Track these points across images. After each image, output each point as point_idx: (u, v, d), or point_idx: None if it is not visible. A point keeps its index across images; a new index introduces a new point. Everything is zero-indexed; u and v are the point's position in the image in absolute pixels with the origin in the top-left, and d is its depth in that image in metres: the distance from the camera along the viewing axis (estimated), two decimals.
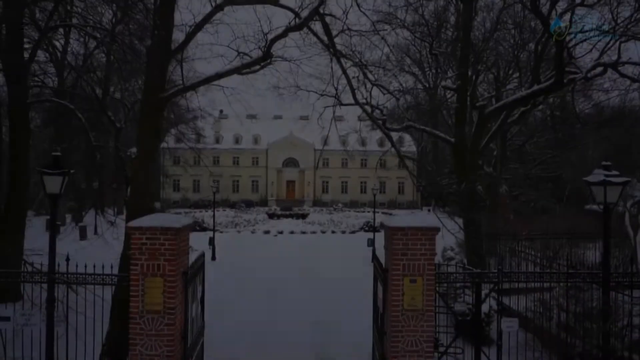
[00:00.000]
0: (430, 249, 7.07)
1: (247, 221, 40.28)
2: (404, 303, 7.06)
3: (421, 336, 7.06)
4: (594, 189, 5.80)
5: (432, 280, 7.09)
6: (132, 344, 6.94)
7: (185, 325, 7.44)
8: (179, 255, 7.17)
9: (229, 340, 10.72)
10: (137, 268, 6.95)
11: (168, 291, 6.94)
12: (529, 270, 11.34)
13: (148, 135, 8.23)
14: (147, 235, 6.92)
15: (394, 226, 7.08)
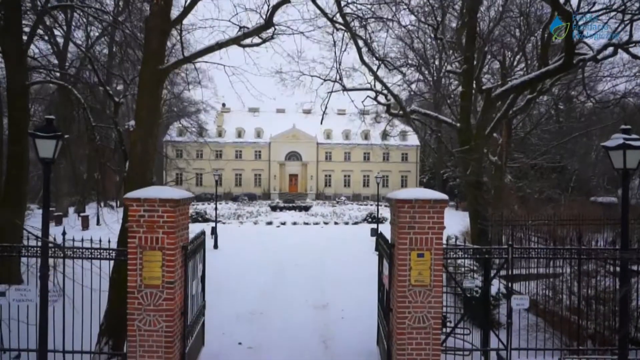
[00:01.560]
0: (438, 222, 6.82)
1: (250, 213, 40.06)
2: (411, 278, 6.82)
3: (429, 312, 6.83)
4: (612, 155, 5.54)
5: (441, 255, 6.84)
6: (130, 320, 6.73)
7: (185, 301, 7.23)
8: (179, 229, 6.95)
9: (231, 323, 10.54)
10: (135, 241, 6.73)
11: (167, 265, 6.72)
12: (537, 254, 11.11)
13: (147, 109, 7.98)
14: (145, 207, 6.70)
15: (400, 198, 6.83)
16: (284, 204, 49.26)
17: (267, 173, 69.16)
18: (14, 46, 12.31)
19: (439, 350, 6.89)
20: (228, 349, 9.01)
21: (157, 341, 6.73)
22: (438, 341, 6.87)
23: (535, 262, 10.71)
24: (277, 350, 8.97)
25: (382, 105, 16.83)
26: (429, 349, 6.85)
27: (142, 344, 6.74)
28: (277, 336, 9.81)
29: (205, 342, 8.96)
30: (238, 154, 69.43)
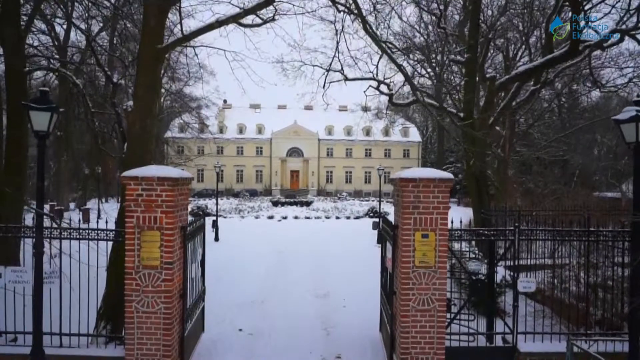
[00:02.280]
0: (443, 202, 6.65)
1: (251, 208, 39.92)
2: (415, 260, 6.66)
3: (433, 294, 6.67)
4: (624, 128, 5.36)
5: (446, 236, 6.68)
6: (128, 301, 6.58)
7: (184, 283, 7.08)
8: (177, 209, 6.79)
9: (231, 311, 10.39)
10: (132, 221, 6.58)
11: (165, 245, 6.57)
12: (541, 248, 10.94)
13: (145, 88, 7.82)
14: (142, 185, 6.54)
15: (404, 177, 6.66)
16: (285, 200, 49.11)
17: (268, 169, 69.08)
18: (12, 32, 12.16)
19: (443, 333, 6.73)
20: (228, 335, 8.86)
21: (156, 323, 6.59)
22: (443, 324, 6.72)
23: (542, 248, 10.58)
24: (277, 337, 8.82)
25: (385, 94, 16.66)
26: (433, 332, 6.70)
27: (140, 326, 6.60)
28: (277, 323, 9.66)
29: (205, 329, 8.81)
30: (239, 150, 69.34)
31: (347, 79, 16.87)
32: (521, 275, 7.49)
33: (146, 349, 6.60)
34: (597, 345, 6.76)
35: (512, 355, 7.05)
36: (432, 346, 6.70)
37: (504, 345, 7.23)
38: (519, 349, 6.99)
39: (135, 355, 6.60)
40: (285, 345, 8.40)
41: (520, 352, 6.97)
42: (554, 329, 7.69)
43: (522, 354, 6.95)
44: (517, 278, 7.05)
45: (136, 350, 6.60)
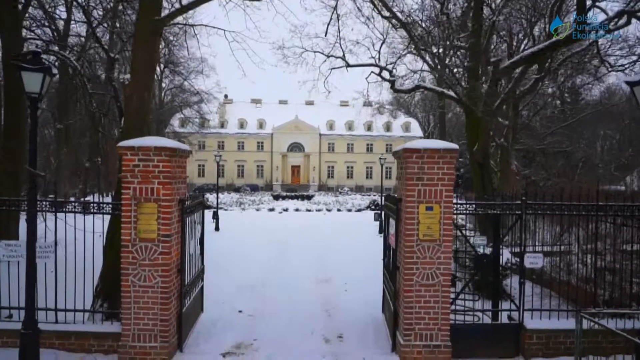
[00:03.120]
0: (448, 173, 6.47)
1: (252, 201, 39.77)
2: (419, 233, 6.48)
3: (437, 269, 6.49)
4: (637, 91, 5.16)
5: (451, 209, 6.49)
6: (124, 275, 6.42)
7: (182, 258, 6.91)
8: (175, 180, 6.62)
9: (231, 295, 10.20)
10: (129, 192, 6.41)
11: (163, 217, 6.40)
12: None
13: (143, 62, 7.64)
14: (139, 156, 6.37)
15: (408, 148, 6.48)
16: (287, 193, 48.97)
17: (269, 164, 68.92)
18: (9, 14, 11.97)
19: (448, 309, 6.55)
20: (228, 316, 8.70)
21: (153, 298, 6.43)
22: (448, 299, 6.54)
23: (548, 233, 10.39)
24: (278, 318, 8.66)
25: (387, 80, 16.43)
26: (438, 307, 6.52)
27: (137, 301, 6.43)
28: (278, 306, 9.50)
29: (204, 309, 8.66)
30: (240, 145, 69.20)
31: (349, 65, 16.68)
32: (527, 253, 7.29)
33: (143, 324, 6.43)
34: (607, 321, 6.56)
35: (518, 333, 6.87)
36: (436, 322, 6.52)
37: (510, 322, 7.05)
38: (526, 326, 6.80)
39: (132, 331, 6.44)
40: (286, 326, 8.22)
41: (527, 329, 6.78)
42: (561, 308, 7.50)
43: (528, 331, 6.77)
44: (524, 253, 6.87)
45: (133, 325, 6.44)
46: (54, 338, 6.65)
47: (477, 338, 6.78)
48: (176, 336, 6.80)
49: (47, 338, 6.57)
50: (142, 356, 6.39)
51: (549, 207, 6.94)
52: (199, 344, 7.26)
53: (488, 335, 6.87)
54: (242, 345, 7.22)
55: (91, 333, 6.72)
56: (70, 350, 6.63)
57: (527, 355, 6.75)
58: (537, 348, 6.78)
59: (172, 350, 6.61)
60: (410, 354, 6.51)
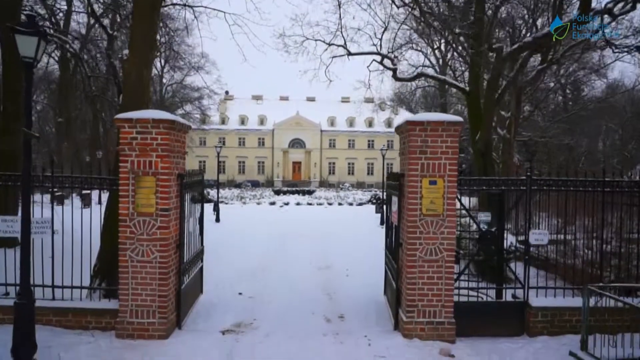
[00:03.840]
0: (452, 146, 6.34)
1: (253, 196, 39.65)
2: (423, 208, 6.36)
3: (441, 244, 6.36)
4: None
5: (455, 183, 6.36)
6: (122, 250, 6.30)
7: (181, 234, 6.79)
8: (174, 154, 6.50)
9: (231, 279, 10.08)
10: (126, 165, 6.29)
11: (161, 191, 6.29)
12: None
13: (141, 38, 7.52)
14: (137, 128, 6.26)
15: (411, 120, 6.36)
16: (287, 188, 48.84)
17: (270, 160, 68.80)
18: None
19: (452, 285, 6.43)
20: (228, 297, 8.60)
21: (151, 273, 6.31)
22: (451, 275, 6.41)
23: (553, 217, 10.23)
24: (278, 300, 8.55)
25: (388, 69, 16.29)
26: (441, 283, 6.40)
27: (135, 276, 6.32)
28: (279, 289, 9.39)
29: (203, 291, 8.55)
30: (241, 142, 69.09)
31: (350, 54, 16.54)
32: (532, 230, 7.15)
33: (141, 299, 6.32)
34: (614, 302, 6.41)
35: (523, 311, 6.74)
36: (439, 298, 6.40)
37: (515, 300, 6.92)
38: (531, 304, 6.68)
39: (130, 306, 6.33)
40: (287, 307, 8.12)
41: (532, 306, 6.65)
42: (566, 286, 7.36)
43: (533, 309, 6.64)
44: (529, 230, 6.74)
45: (130, 302, 6.33)
46: (50, 315, 6.54)
47: (481, 316, 6.66)
48: (175, 313, 6.69)
49: (44, 315, 6.47)
50: (140, 332, 6.28)
51: (555, 183, 6.81)
52: (198, 322, 7.16)
53: (492, 313, 6.74)
54: (241, 324, 7.11)
55: (89, 310, 6.61)
56: (68, 328, 6.51)
57: (532, 333, 6.63)
58: (542, 326, 6.66)
59: (170, 327, 6.50)
60: (413, 330, 6.39)
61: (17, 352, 5.06)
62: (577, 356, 5.72)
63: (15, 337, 5.11)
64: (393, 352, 5.95)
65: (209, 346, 6.12)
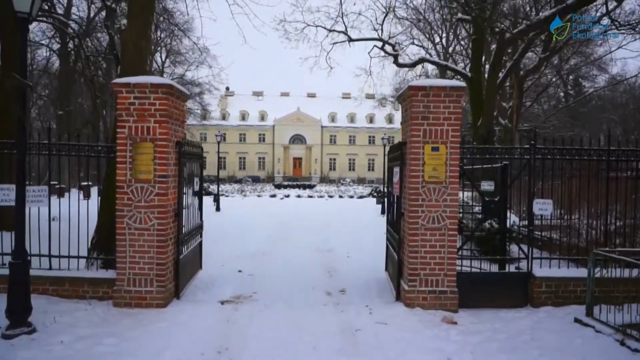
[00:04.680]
0: (455, 112, 6.24)
1: (254, 189, 39.55)
2: (425, 175, 6.25)
3: (444, 211, 6.26)
4: None
5: (457, 149, 6.26)
6: (119, 217, 6.21)
7: (180, 202, 6.69)
8: (172, 120, 6.40)
9: (231, 259, 9.99)
10: (124, 131, 6.20)
11: (159, 157, 6.18)
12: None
13: (139, 7, 7.42)
14: (135, 93, 6.16)
15: (414, 85, 6.25)
16: (288, 182, 48.74)
17: (271, 156, 68.68)
18: None
19: (455, 253, 6.33)
20: (227, 274, 8.49)
21: (149, 241, 6.21)
22: (454, 243, 6.31)
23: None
24: (278, 277, 8.45)
25: (389, 54, 16.18)
26: (444, 252, 6.30)
27: (132, 244, 6.22)
28: (279, 268, 9.29)
29: (202, 268, 8.45)
30: (242, 137, 68.96)
31: (351, 40, 16.42)
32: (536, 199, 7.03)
33: (138, 268, 6.23)
34: (621, 271, 6.30)
35: (527, 282, 6.63)
36: (442, 267, 6.30)
37: (519, 271, 6.82)
38: (534, 274, 6.57)
39: (127, 275, 6.23)
40: (287, 283, 8.02)
41: (536, 277, 6.54)
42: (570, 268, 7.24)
43: (537, 279, 6.53)
44: (533, 199, 6.63)
45: (128, 270, 6.23)
46: (47, 284, 6.46)
47: (484, 287, 6.55)
48: (173, 283, 6.59)
49: (41, 284, 6.39)
50: (137, 301, 6.19)
51: (559, 152, 6.70)
52: (197, 294, 7.06)
53: (495, 284, 6.63)
54: (241, 297, 7.01)
55: (85, 279, 6.51)
56: (65, 297, 6.43)
57: (535, 304, 6.52)
58: (547, 297, 6.55)
59: (168, 296, 6.40)
60: (415, 300, 6.29)
61: (11, 312, 4.97)
62: (583, 322, 5.63)
63: (10, 298, 5.02)
64: (395, 320, 5.84)
65: (207, 313, 6.03)
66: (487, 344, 5.10)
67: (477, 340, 5.21)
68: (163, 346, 4.89)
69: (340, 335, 5.38)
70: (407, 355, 4.74)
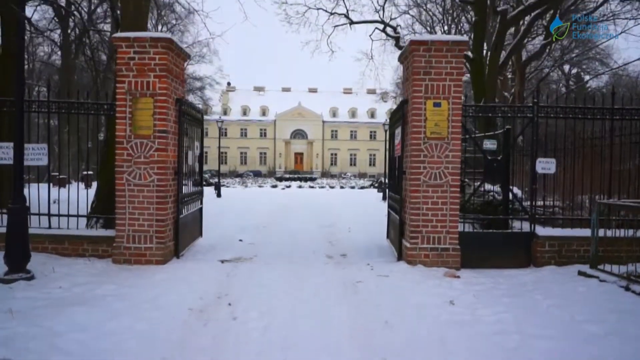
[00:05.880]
0: (457, 67, 6.17)
1: (255, 181, 39.51)
2: (427, 130, 6.20)
3: (446, 168, 6.20)
4: None
5: (460, 105, 6.20)
6: (119, 173, 6.16)
7: (180, 161, 6.64)
8: (172, 75, 6.35)
9: (232, 231, 9.93)
10: (123, 86, 6.15)
11: (159, 113, 6.14)
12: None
13: None
14: (135, 48, 6.10)
15: (415, 40, 6.18)
16: (289, 175, 48.72)
17: (272, 151, 68.61)
18: None
19: (457, 210, 6.26)
20: (228, 242, 8.43)
21: (148, 197, 6.17)
22: (456, 200, 6.25)
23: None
24: (279, 246, 8.39)
25: (391, 37, 16.12)
26: (446, 209, 6.24)
27: (132, 200, 6.18)
28: (280, 238, 9.24)
29: (203, 237, 8.40)
30: (243, 132, 68.90)
31: (352, 22, 16.36)
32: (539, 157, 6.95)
33: (138, 224, 6.18)
34: (624, 232, 6.22)
35: (530, 241, 6.57)
36: (444, 224, 6.24)
37: (521, 231, 6.76)
38: (537, 234, 6.51)
39: (127, 232, 6.19)
40: (288, 249, 7.98)
41: (539, 236, 6.48)
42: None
43: (540, 238, 6.46)
44: (536, 158, 6.57)
45: (127, 227, 6.19)
46: (46, 242, 6.41)
47: (487, 248, 6.47)
48: (173, 242, 6.55)
49: (40, 242, 6.34)
50: (137, 258, 6.15)
51: (562, 110, 6.63)
52: (197, 256, 7.01)
53: (498, 244, 6.56)
54: (241, 258, 6.98)
55: (85, 237, 6.47)
56: (64, 255, 6.37)
57: (538, 263, 6.45)
58: (550, 256, 6.48)
59: (168, 253, 6.36)
60: (417, 257, 6.23)
61: (10, 258, 4.94)
62: (587, 273, 5.58)
63: (8, 243, 4.99)
64: (396, 274, 5.80)
65: (207, 269, 6.00)
66: (490, 291, 5.06)
67: (480, 288, 5.17)
68: (162, 292, 4.84)
69: (341, 285, 5.34)
70: (410, 298, 4.69)
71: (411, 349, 3.44)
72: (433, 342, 3.55)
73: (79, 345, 3.38)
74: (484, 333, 3.71)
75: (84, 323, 3.78)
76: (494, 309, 4.31)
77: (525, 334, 3.67)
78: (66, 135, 26.27)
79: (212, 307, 4.48)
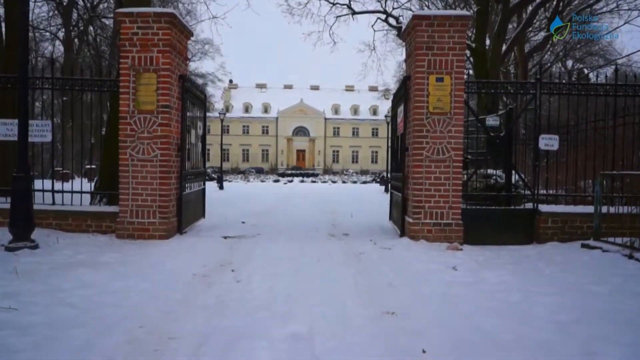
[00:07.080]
0: (459, 42, 6.17)
1: (257, 177, 39.54)
2: (429, 106, 6.19)
3: (449, 143, 6.20)
4: None
5: (462, 80, 6.20)
6: (122, 148, 6.18)
7: (183, 137, 6.66)
8: (175, 51, 6.36)
9: (235, 217, 9.95)
10: (127, 62, 6.17)
11: (162, 88, 6.15)
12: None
13: None
14: (138, 23, 6.12)
15: (418, 14, 6.18)
16: (292, 172, 48.73)
17: (274, 148, 68.58)
18: None
19: (459, 185, 6.26)
20: (230, 224, 8.44)
21: (152, 172, 6.19)
22: (459, 175, 6.25)
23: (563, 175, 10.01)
24: (282, 226, 8.40)
25: (393, 27, 16.10)
26: (448, 184, 6.24)
27: (135, 175, 6.20)
28: (283, 221, 9.25)
29: (206, 218, 8.41)
30: (245, 129, 68.90)
31: (355, 12, 16.35)
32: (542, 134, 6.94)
33: (141, 199, 6.20)
34: (627, 208, 6.20)
35: (533, 218, 6.56)
36: (447, 200, 6.24)
37: (524, 208, 6.75)
38: (540, 210, 6.50)
39: (130, 207, 6.21)
40: (291, 228, 8.00)
41: (542, 212, 6.48)
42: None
43: (543, 214, 6.46)
44: (539, 134, 6.57)
45: (131, 202, 6.21)
46: (50, 218, 6.44)
47: (489, 224, 6.47)
48: (176, 218, 6.57)
49: (44, 218, 6.36)
50: (140, 232, 6.17)
51: (565, 87, 6.62)
52: (200, 233, 7.03)
53: (501, 221, 6.55)
54: (244, 236, 6.98)
55: (89, 213, 6.50)
56: (68, 231, 6.39)
57: (541, 240, 6.44)
58: (553, 232, 6.48)
59: (171, 229, 6.37)
60: (420, 232, 6.23)
61: (14, 226, 4.96)
62: (590, 245, 5.58)
63: (12, 212, 5.02)
64: (399, 247, 5.81)
65: (211, 242, 6.02)
66: (493, 260, 5.09)
67: (483, 259, 5.18)
68: (165, 259, 4.88)
69: (344, 255, 5.36)
70: (413, 265, 4.71)
71: (416, 305, 3.45)
72: (437, 299, 3.56)
73: (84, 300, 3.40)
74: (488, 291, 3.72)
75: (89, 281, 3.81)
76: (497, 273, 4.32)
77: (529, 291, 3.68)
78: (69, 131, 26.34)
79: (216, 273, 4.50)
